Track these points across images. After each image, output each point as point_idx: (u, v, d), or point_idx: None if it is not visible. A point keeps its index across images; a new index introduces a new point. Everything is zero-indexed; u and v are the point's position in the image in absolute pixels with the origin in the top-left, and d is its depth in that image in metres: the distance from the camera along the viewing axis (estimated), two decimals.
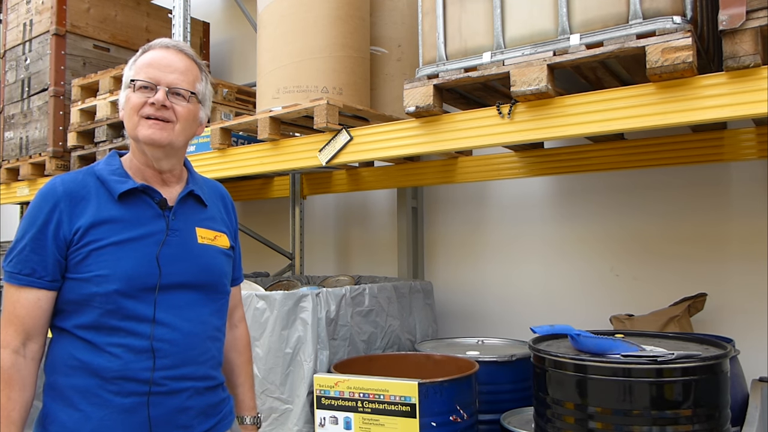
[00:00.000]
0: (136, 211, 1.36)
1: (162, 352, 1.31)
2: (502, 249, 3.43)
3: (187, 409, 1.36)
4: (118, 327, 1.30)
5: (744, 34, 1.62)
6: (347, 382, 2.19)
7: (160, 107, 1.35)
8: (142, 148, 1.39)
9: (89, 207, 1.33)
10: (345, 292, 2.57)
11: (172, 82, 1.37)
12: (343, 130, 2.48)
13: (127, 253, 1.31)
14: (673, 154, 2.69)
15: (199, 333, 1.38)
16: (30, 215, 1.33)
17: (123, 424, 1.29)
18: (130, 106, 1.37)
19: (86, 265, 1.29)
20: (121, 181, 1.38)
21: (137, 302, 1.30)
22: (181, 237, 1.40)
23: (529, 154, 3.05)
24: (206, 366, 1.40)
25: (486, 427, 2.36)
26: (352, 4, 2.75)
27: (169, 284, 1.34)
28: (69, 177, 1.37)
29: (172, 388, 1.33)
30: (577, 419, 1.72)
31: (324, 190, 3.93)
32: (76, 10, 4.01)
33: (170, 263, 1.35)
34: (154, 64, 1.37)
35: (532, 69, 1.91)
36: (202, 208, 1.48)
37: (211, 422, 1.42)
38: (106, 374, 1.29)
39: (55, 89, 3.94)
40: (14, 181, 4.30)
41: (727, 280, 2.73)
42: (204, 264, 1.42)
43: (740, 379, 2.21)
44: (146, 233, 1.35)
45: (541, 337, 2.02)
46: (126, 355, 1.29)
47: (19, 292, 1.30)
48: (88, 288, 1.29)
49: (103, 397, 1.29)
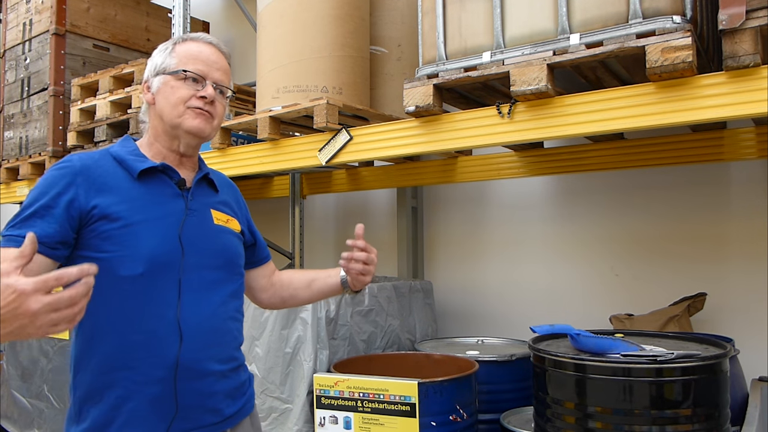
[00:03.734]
0: (156, 190, 1.36)
1: (188, 334, 1.30)
2: (502, 248, 3.43)
3: (215, 393, 1.35)
4: (142, 310, 1.27)
5: (744, 33, 1.62)
6: (347, 381, 2.19)
7: (209, 102, 1.38)
8: (178, 134, 1.40)
9: (107, 185, 1.30)
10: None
11: (218, 79, 1.41)
12: (342, 130, 2.48)
13: (149, 232, 1.29)
14: (673, 153, 2.68)
15: (221, 314, 1.38)
16: (42, 185, 1.27)
17: (153, 411, 1.27)
18: (177, 96, 1.37)
19: (108, 244, 1.26)
20: (140, 160, 1.38)
21: (162, 283, 1.29)
22: (199, 217, 1.40)
23: (529, 154, 3.05)
24: (230, 347, 1.40)
25: (486, 426, 2.36)
26: (352, 4, 2.75)
27: (191, 264, 1.33)
28: (85, 155, 1.35)
29: (199, 370, 1.31)
30: (577, 419, 1.72)
31: (324, 189, 3.93)
32: (75, 10, 4.01)
33: (191, 242, 1.34)
34: (201, 58, 1.40)
35: (532, 69, 1.91)
36: (214, 192, 1.50)
37: (238, 405, 1.42)
38: (132, 362, 1.26)
39: (55, 89, 3.93)
40: (14, 181, 4.30)
41: (727, 280, 2.73)
42: (222, 244, 1.43)
43: (740, 378, 2.21)
44: (166, 212, 1.34)
45: (541, 336, 2.02)
46: (152, 341, 1.27)
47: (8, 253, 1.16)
48: (112, 270, 1.24)
49: (131, 387, 1.26)
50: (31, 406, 3.34)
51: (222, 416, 1.37)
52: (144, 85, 1.44)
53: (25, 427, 3.38)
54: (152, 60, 1.43)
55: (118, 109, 3.55)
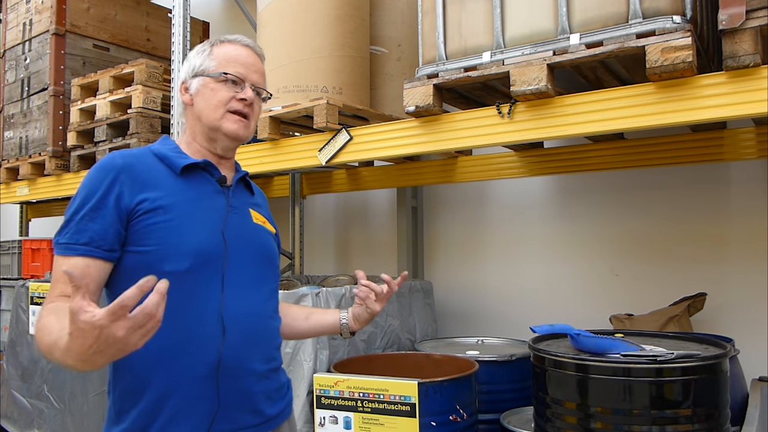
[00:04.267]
0: (198, 186, 1.36)
1: (231, 330, 1.28)
2: (502, 248, 3.43)
3: (255, 393, 1.33)
4: (185, 306, 1.26)
5: (744, 33, 1.62)
6: (347, 381, 2.19)
7: (248, 104, 1.40)
8: (216, 136, 1.41)
9: (150, 181, 1.31)
10: (345, 291, 2.57)
11: (256, 82, 1.43)
12: (342, 130, 2.48)
13: (194, 226, 1.29)
14: (673, 153, 2.68)
15: (262, 311, 1.38)
16: (88, 186, 1.28)
17: (194, 409, 1.25)
18: (217, 98, 1.38)
19: (152, 238, 1.26)
20: (182, 156, 1.39)
21: (206, 278, 1.28)
22: (240, 215, 1.41)
23: (529, 154, 3.05)
24: (270, 346, 1.39)
25: (486, 426, 2.36)
26: (352, 4, 2.75)
27: (233, 260, 1.32)
28: (126, 152, 1.35)
29: (241, 368, 1.30)
30: (577, 419, 1.72)
31: (324, 189, 3.93)
32: (75, 10, 4.00)
33: (234, 239, 1.34)
34: (240, 61, 1.41)
35: (532, 69, 1.91)
36: (250, 194, 1.52)
37: (279, 407, 1.41)
38: (173, 359, 1.25)
39: (55, 89, 3.93)
40: (14, 181, 4.30)
41: (727, 280, 2.73)
42: (261, 242, 1.43)
43: (740, 378, 2.21)
44: (208, 207, 1.35)
45: (541, 336, 2.02)
46: (194, 336, 1.26)
47: (69, 261, 1.22)
48: (156, 264, 1.24)
49: (172, 384, 1.25)
50: (31, 406, 3.34)
51: (263, 417, 1.35)
52: (181, 86, 1.45)
53: (25, 427, 3.38)
54: (189, 61, 1.44)
55: (118, 109, 3.55)
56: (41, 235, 5.41)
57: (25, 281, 3.54)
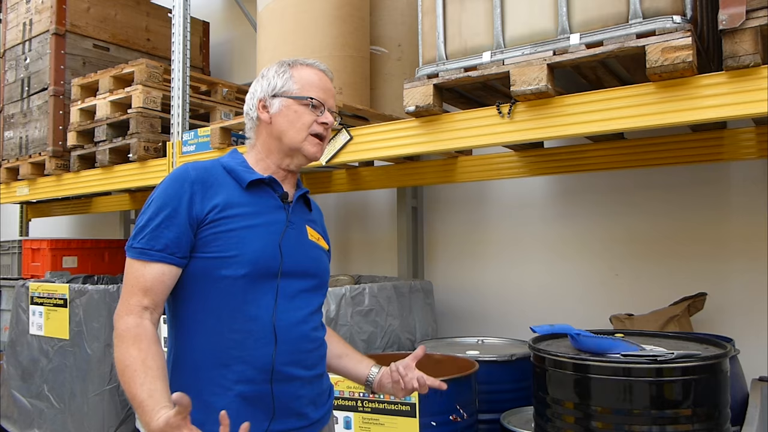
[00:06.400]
0: (261, 200, 1.44)
1: (282, 338, 1.35)
2: (502, 248, 3.43)
3: (301, 397, 1.40)
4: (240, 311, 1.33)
5: (744, 33, 1.62)
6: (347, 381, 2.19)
7: (328, 127, 1.49)
8: (293, 156, 1.48)
9: (220, 191, 1.39)
10: (345, 291, 2.57)
11: (332, 106, 1.52)
12: (343, 130, 2.48)
13: (254, 237, 1.37)
14: (673, 153, 2.68)
15: (310, 322, 1.44)
16: (163, 195, 1.36)
17: (246, 412, 1.30)
18: (302, 122, 1.46)
19: (215, 245, 1.34)
20: (249, 171, 1.46)
21: (261, 287, 1.35)
22: (297, 230, 1.48)
23: (529, 154, 3.05)
24: (314, 355, 1.45)
25: (486, 426, 2.36)
26: (352, 4, 2.75)
27: (288, 272, 1.40)
28: (199, 164, 1.44)
29: (289, 374, 1.37)
30: (577, 419, 1.72)
31: (324, 189, 3.93)
32: (75, 10, 4.01)
33: (290, 252, 1.41)
34: (321, 86, 1.50)
35: (532, 68, 1.91)
36: (308, 211, 1.58)
37: (321, 412, 1.47)
38: (227, 360, 1.32)
39: (55, 89, 3.93)
40: (14, 181, 4.30)
41: (727, 280, 2.73)
42: (316, 257, 1.50)
43: (740, 378, 2.21)
44: (269, 221, 1.42)
45: (541, 336, 2.02)
46: (248, 341, 1.33)
47: (145, 267, 1.31)
48: (215, 270, 1.33)
49: (225, 386, 1.32)
50: (31, 406, 3.34)
51: (308, 420, 1.42)
52: (258, 103, 1.50)
53: (25, 427, 3.38)
54: (268, 80, 1.50)
55: (118, 109, 3.55)
56: (41, 235, 5.41)
57: (25, 281, 3.54)
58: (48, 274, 3.84)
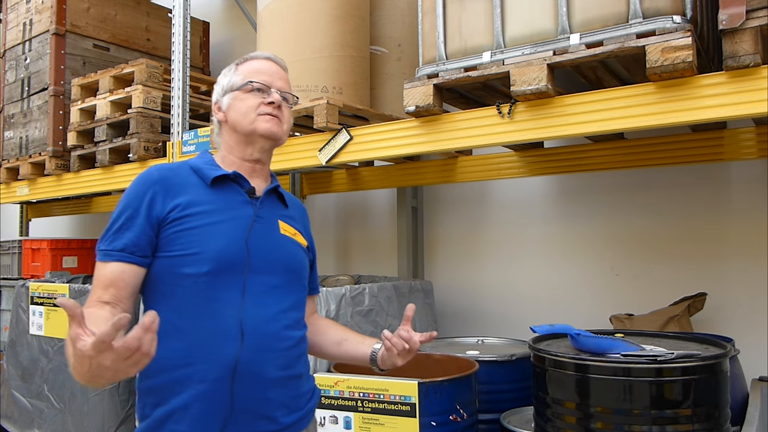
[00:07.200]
0: (226, 197, 1.43)
1: (249, 336, 1.32)
2: (502, 248, 3.43)
3: (270, 400, 1.35)
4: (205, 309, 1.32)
5: (744, 33, 1.62)
6: (347, 381, 2.19)
7: (277, 107, 1.48)
8: (252, 140, 1.48)
9: (184, 191, 1.40)
10: (345, 291, 2.57)
11: (281, 87, 1.51)
12: (342, 130, 2.48)
13: (218, 233, 1.36)
14: (673, 153, 2.68)
15: (282, 320, 1.40)
16: (126, 198, 1.39)
17: (206, 410, 1.29)
18: (247, 106, 1.47)
19: (178, 243, 1.34)
20: (214, 168, 1.47)
21: (226, 283, 1.33)
22: (266, 225, 1.45)
23: (529, 154, 3.05)
24: (289, 354, 1.40)
25: (486, 426, 2.36)
26: (352, 4, 2.75)
27: (255, 268, 1.37)
28: (165, 166, 1.46)
29: (257, 373, 1.33)
30: (577, 419, 1.72)
31: (324, 189, 3.93)
32: (75, 10, 4.01)
33: (257, 247, 1.39)
34: (263, 71, 1.51)
35: (532, 68, 1.91)
36: (283, 206, 1.56)
37: (296, 416, 1.41)
38: (191, 359, 1.30)
39: (55, 89, 3.93)
40: (14, 181, 4.30)
41: (727, 280, 2.73)
42: (287, 253, 1.47)
43: (740, 378, 2.21)
44: (234, 216, 1.41)
45: (541, 336, 2.02)
46: (212, 339, 1.31)
47: (106, 266, 1.33)
48: (178, 268, 1.33)
49: (188, 384, 1.30)
50: (31, 406, 3.34)
51: (278, 425, 1.36)
52: (214, 107, 1.54)
53: (25, 427, 3.38)
54: (218, 84, 1.54)
55: (119, 109, 3.55)
56: (41, 235, 5.41)
57: (25, 281, 3.54)
58: (48, 274, 3.84)
